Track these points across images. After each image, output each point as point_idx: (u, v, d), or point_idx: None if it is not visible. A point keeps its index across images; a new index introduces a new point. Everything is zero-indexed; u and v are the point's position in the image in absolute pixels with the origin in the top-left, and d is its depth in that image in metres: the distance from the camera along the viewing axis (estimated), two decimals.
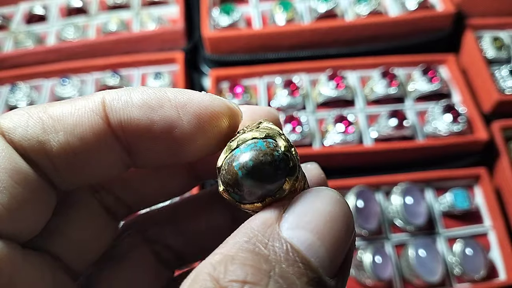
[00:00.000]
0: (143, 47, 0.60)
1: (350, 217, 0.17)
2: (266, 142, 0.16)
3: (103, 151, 0.18)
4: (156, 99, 0.17)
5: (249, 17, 0.62)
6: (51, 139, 0.17)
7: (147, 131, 0.17)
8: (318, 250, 0.15)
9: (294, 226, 0.16)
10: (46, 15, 0.65)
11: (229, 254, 0.15)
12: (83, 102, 0.17)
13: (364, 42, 0.59)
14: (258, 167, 0.16)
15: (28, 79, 0.59)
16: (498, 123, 0.52)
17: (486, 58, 0.57)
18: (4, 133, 0.17)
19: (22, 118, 0.17)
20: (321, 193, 0.17)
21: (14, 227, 0.16)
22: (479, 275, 0.45)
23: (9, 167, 0.16)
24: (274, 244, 0.15)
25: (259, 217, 0.16)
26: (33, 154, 0.17)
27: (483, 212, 0.50)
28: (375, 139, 0.53)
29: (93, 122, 0.17)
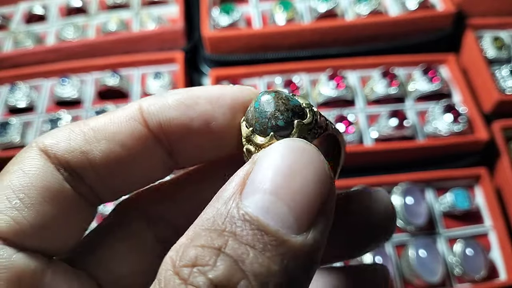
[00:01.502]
0: (143, 47, 0.60)
1: (319, 163, 0.15)
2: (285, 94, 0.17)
3: (144, 155, 0.18)
4: (190, 98, 0.18)
5: (249, 17, 0.62)
6: (94, 148, 0.18)
7: (186, 128, 0.18)
8: (279, 211, 0.15)
9: (253, 191, 0.15)
10: (45, 15, 0.65)
11: (190, 236, 0.15)
12: (121, 111, 0.18)
13: (364, 42, 0.59)
14: (273, 98, 0.17)
15: (27, 79, 0.59)
16: (498, 123, 0.52)
17: (486, 58, 0.57)
18: (47, 149, 0.17)
19: (64, 133, 0.18)
20: (280, 146, 0.16)
21: (40, 242, 0.17)
22: (480, 275, 0.45)
23: (40, 185, 0.17)
24: (232, 215, 0.15)
25: (223, 189, 0.16)
26: (76, 166, 0.18)
27: (483, 212, 0.50)
28: (376, 139, 0.53)
29: (133, 128, 0.18)
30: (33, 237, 0.17)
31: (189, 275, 0.14)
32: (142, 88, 0.58)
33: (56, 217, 0.17)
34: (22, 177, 0.17)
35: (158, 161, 0.19)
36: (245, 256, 0.14)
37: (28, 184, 0.17)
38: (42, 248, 0.17)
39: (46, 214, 0.17)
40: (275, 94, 0.17)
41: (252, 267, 0.14)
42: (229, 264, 0.14)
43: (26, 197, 0.16)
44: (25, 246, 0.17)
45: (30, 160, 0.17)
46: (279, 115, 0.17)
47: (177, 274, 0.14)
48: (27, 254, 0.17)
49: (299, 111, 0.17)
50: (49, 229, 0.17)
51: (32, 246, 0.17)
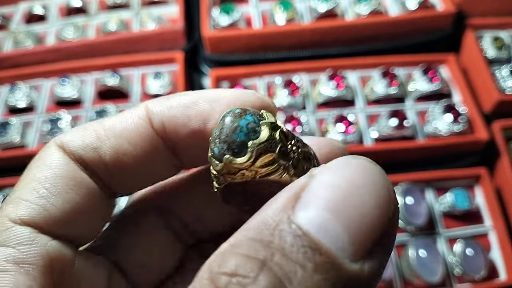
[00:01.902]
0: (143, 47, 0.60)
1: (383, 185, 0.14)
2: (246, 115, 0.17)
3: (151, 153, 0.19)
4: (192, 98, 0.19)
5: (249, 17, 0.62)
6: (103, 144, 0.19)
7: (186, 127, 0.19)
8: (333, 230, 0.13)
9: (306, 206, 0.14)
10: (45, 15, 0.65)
11: (232, 243, 0.14)
12: (130, 111, 0.19)
13: (364, 42, 0.59)
14: (240, 118, 0.17)
15: (27, 79, 0.59)
16: (498, 123, 0.52)
17: (486, 58, 0.57)
18: (63, 145, 0.19)
19: (78, 132, 0.19)
20: (345, 162, 0.15)
21: (69, 230, 0.18)
22: (480, 275, 0.45)
23: (64, 175, 0.18)
24: (282, 228, 0.13)
25: (273, 200, 0.15)
26: (89, 161, 0.19)
27: (483, 212, 0.50)
28: (376, 139, 0.53)
29: (138, 125, 0.19)
30: (63, 225, 0.18)
31: (226, 285, 0.13)
32: (142, 88, 0.58)
33: (81, 205, 0.18)
34: (45, 170, 0.18)
35: (164, 160, 0.20)
36: (292, 275, 0.13)
37: (52, 175, 0.18)
38: (71, 236, 0.18)
39: (72, 201, 0.18)
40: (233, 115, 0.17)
41: (299, 287, 0.13)
42: (273, 280, 0.13)
43: (52, 186, 0.17)
44: (56, 233, 0.17)
45: (50, 155, 0.18)
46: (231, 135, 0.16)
47: (213, 282, 0.13)
48: (59, 241, 0.17)
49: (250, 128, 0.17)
50: (76, 217, 0.18)
51: (63, 233, 0.18)
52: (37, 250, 0.17)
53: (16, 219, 0.17)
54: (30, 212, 0.17)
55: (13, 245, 0.16)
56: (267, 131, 0.17)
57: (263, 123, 0.17)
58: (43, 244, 0.17)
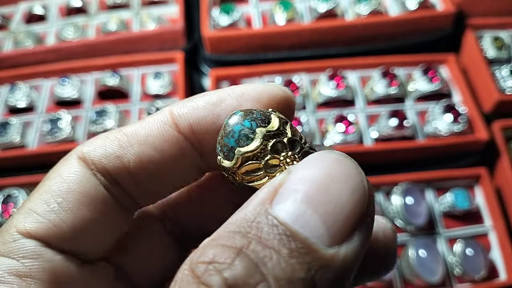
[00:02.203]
0: (143, 47, 0.60)
1: (355, 176, 0.15)
2: (255, 113, 0.17)
3: (177, 157, 0.19)
4: (217, 96, 0.19)
5: (249, 17, 0.62)
6: (127, 152, 0.18)
7: (215, 126, 0.18)
8: (309, 220, 0.14)
9: (284, 199, 0.15)
10: (45, 15, 0.65)
11: (213, 237, 0.15)
12: (153, 117, 0.19)
13: (364, 42, 0.59)
14: (246, 112, 0.17)
15: (27, 79, 0.59)
16: (498, 123, 0.52)
17: (486, 58, 0.57)
18: (85, 155, 0.18)
19: (100, 141, 0.19)
20: (316, 157, 0.15)
21: (77, 245, 0.18)
22: (480, 275, 0.45)
23: (78, 190, 0.18)
24: (259, 220, 0.14)
25: (254, 197, 0.15)
26: (112, 170, 0.18)
27: (483, 212, 0.50)
28: (376, 139, 0.53)
29: (163, 131, 0.18)
30: (70, 240, 0.17)
31: (204, 272, 0.13)
32: (142, 88, 0.58)
33: (93, 221, 0.18)
34: (60, 183, 0.18)
35: (190, 163, 0.19)
36: (268, 260, 0.13)
37: (66, 189, 0.17)
38: (79, 252, 0.18)
39: (83, 218, 0.17)
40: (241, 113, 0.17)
41: (274, 271, 0.13)
42: (248, 264, 0.13)
43: (64, 201, 0.17)
44: (63, 248, 0.17)
45: (69, 166, 0.18)
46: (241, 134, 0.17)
47: (192, 272, 0.14)
48: (66, 256, 0.17)
49: (258, 124, 0.17)
50: (86, 233, 0.18)
51: (70, 248, 0.17)
52: (42, 265, 0.16)
53: (23, 231, 0.17)
54: (38, 226, 0.17)
55: (18, 258, 0.16)
56: (258, 141, 0.17)
57: (259, 130, 0.17)
58: (48, 259, 0.17)
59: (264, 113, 0.17)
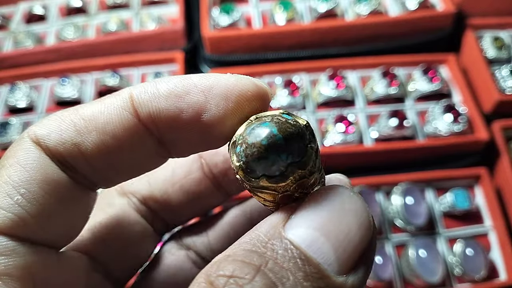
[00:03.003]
0: (143, 47, 0.60)
1: (363, 212, 0.16)
2: (286, 118, 0.16)
3: (136, 146, 0.18)
4: (182, 87, 0.17)
5: (249, 17, 0.62)
6: (85, 140, 0.17)
7: (177, 120, 0.17)
8: (322, 247, 0.15)
9: (297, 225, 0.15)
10: (45, 15, 0.65)
11: (228, 254, 0.15)
12: (112, 100, 0.18)
13: (364, 42, 0.59)
14: (283, 133, 0.15)
15: (27, 79, 0.58)
16: (498, 123, 0.52)
17: (486, 58, 0.57)
18: (39, 140, 0.17)
19: (55, 123, 0.17)
20: (330, 191, 0.16)
21: (47, 235, 0.17)
22: (480, 275, 0.45)
23: (40, 178, 0.17)
24: (273, 242, 0.15)
25: (266, 221, 0.16)
26: (69, 158, 0.17)
27: (483, 212, 0.50)
28: (376, 139, 0.53)
29: (123, 118, 0.17)
30: (41, 232, 0.17)
31: (224, 285, 0.14)
32: None
33: (59, 208, 0.17)
34: (21, 172, 0.16)
35: (150, 151, 0.19)
36: (285, 280, 0.14)
37: (27, 179, 0.16)
38: (50, 241, 0.17)
39: (49, 206, 0.17)
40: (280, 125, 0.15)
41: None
42: (268, 282, 0.14)
43: (27, 192, 0.16)
44: (35, 241, 0.17)
45: (25, 152, 0.17)
46: (294, 147, 0.15)
47: (211, 284, 0.14)
48: (38, 248, 0.17)
49: (309, 133, 0.16)
50: (54, 221, 0.17)
51: (42, 240, 0.17)
52: (16, 261, 0.16)
53: None
54: (4, 221, 0.16)
55: None
56: (286, 181, 0.16)
57: (291, 171, 0.16)
58: (21, 254, 0.16)
59: (299, 144, 0.16)
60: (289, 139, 0.15)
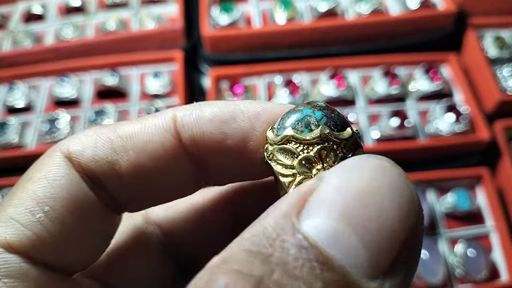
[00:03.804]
0: (142, 46, 0.60)
1: (404, 190, 0.12)
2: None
3: (174, 169, 0.17)
4: (229, 112, 0.17)
5: (249, 16, 0.62)
6: (121, 159, 0.16)
7: (221, 144, 0.17)
8: (347, 242, 0.11)
9: (316, 212, 0.12)
10: (44, 14, 0.65)
11: (224, 256, 0.12)
12: (153, 120, 0.17)
13: (365, 41, 0.59)
14: (327, 106, 0.16)
15: (26, 78, 0.58)
16: (500, 123, 0.52)
17: (488, 58, 0.56)
18: (71, 156, 0.16)
19: (90, 139, 0.16)
20: (358, 163, 0.13)
21: (61, 258, 0.16)
22: (481, 276, 0.44)
23: (65, 196, 0.16)
24: (284, 238, 0.11)
25: (276, 206, 0.12)
26: (102, 176, 0.16)
27: (485, 213, 0.49)
28: (377, 139, 0.52)
29: (164, 139, 0.16)
30: (58, 255, 0.16)
31: None
32: (141, 88, 0.58)
33: (82, 230, 0.16)
34: (47, 187, 0.16)
35: (187, 176, 0.18)
36: None
37: (53, 196, 0.15)
38: (65, 266, 0.16)
39: (72, 228, 0.16)
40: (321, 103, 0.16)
41: None
42: None
43: (50, 210, 0.15)
44: (50, 264, 0.16)
45: (55, 167, 0.16)
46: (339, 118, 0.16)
47: None
48: (51, 274, 0.16)
49: (347, 122, 0.16)
50: (73, 243, 0.16)
51: (55, 264, 0.16)
52: (26, 286, 0.14)
53: (5, 244, 0.15)
54: (22, 239, 0.15)
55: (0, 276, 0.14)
56: (312, 135, 0.16)
57: (323, 128, 0.16)
58: (32, 278, 0.15)
59: (342, 120, 0.16)
60: (331, 110, 0.16)
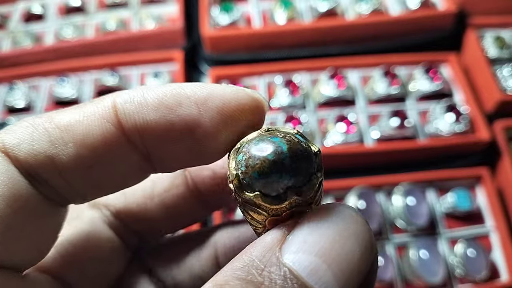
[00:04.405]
0: (142, 46, 0.60)
1: (366, 235, 0.15)
2: (299, 139, 0.15)
3: (118, 160, 0.16)
4: (173, 97, 0.16)
5: (249, 16, 0.62)
6: (60, 152, 0.15)
7: (166, 133, 0.16)
8: (324, 275, 0.13)
9: (296, 249, 0.14)
10: (44, 14, 0.65)
11: (218, 283, 0.13)
12: (92, 108, 0.16)
13: (365, 41, 0.59)
14: (292, 154, 0.14)
15: (26, 78, 0.58)
16: (500, 123, 0.52)
17: (488, 58, 0.56)
18: (7, 150, 0.15)
19: (26, 132, 0.15)
20: (331, 211, 0.15)
21: (10, 256, 0.15)
22: (481, 276, 0.44)
23: (6, 194, 0.15)
24: (270, 269, 0.13)
25: (260, 241, 0.14)
26: (41, 171, 0.15)
27: (485, 213, 0.49)
28: (377, 139, 0.52)
29: (105, 130, 0.15)
30: (3, 253, 0.15)
31: None
32: None
33: (26, 227, 0.15)
34: None
35: (132, 166, 0.17)
36: None
37: None
38: (13, 263, 0.15)
39: (15, 225, 0.15)
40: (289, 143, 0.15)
41: None
42: None
43: None
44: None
45: None
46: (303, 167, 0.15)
47: None
48: (1, 271, 0.15)
49: (316, 156, 0.15)
50: (20, 241, 0.15)
51: (3, 262, 0.15)
52: None
53: None
54: None
55: None
56: (283, 206, 0.15)
57: (291, 198, 0.15)
58: None
59: (307, 168, 0.15)
60: (296, 161, 0.14)
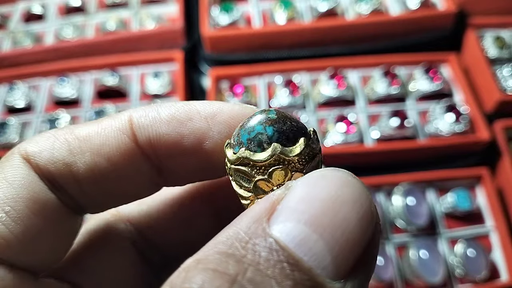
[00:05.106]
0: (142, 46, 0.60)
1: (364, 201, 0.13)
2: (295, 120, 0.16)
3: (131, 171, 0.17)
4: (185, 112, 0.17)
5: (249, 16, 0.62)
6: (78, 160, 0.16)
7: (177, 146, 0.17)
8: (314, 246, 0.12)
9: (285, 218, 0.13)
10: (44, 14, 0.65)
11: (199, 258, 0.13)
12: (110, 122, 0.17)
13: (365, 41, 0.59)
14: (279, 115, 0.15)
15: (26, 78, 0.58)
16: (500, 123, 0.52)
17: (487, 58, 0.56)
18: (29, 158, 0.16)
19: (48, 141, 0.17)
20: (324, 175, 0.14)
21: (27, 258, 0.16)
22: (481, 276, 0.44)
23: (27, 196, 0.16)
24: (255, 241, 0.12)
25: (247, 213, 0.14)
26: (59, 178, 0.16)
27: (485, 213, 0.49)
28: (377, 139, 0.52)
29: (120, 141, 0.17)
30: (22, 254, 0.16)
31: None
32: (141, 88, 0.58)
33: (44, 230, 0.16)
34: (7, 188, 0.16)
35: (145, 177, 0.18)
36: None
37: (14, 196, 0.15)
38: (31, 265, 0.16)
39: (34, 227, 0.16)
40: (274, 113, 0.16)
41: None
42: None
43: (12, 210, 0.15)
44: (14, 264, 0.16)
45: (14, 169, 0.16)
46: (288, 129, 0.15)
47: None
48: (17, 273, 0.15)
49: (303, 125, 0.16)
50: (38, 243, 0.16)
51: (22, 264, 0.16)
52: None
53: None
54: None
55: None
56: (265, 156, 0.15)
57: (274, 147, 0.15)
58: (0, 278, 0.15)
59: (294, 131, 0.15)
60: (283, 121, 0.15)
